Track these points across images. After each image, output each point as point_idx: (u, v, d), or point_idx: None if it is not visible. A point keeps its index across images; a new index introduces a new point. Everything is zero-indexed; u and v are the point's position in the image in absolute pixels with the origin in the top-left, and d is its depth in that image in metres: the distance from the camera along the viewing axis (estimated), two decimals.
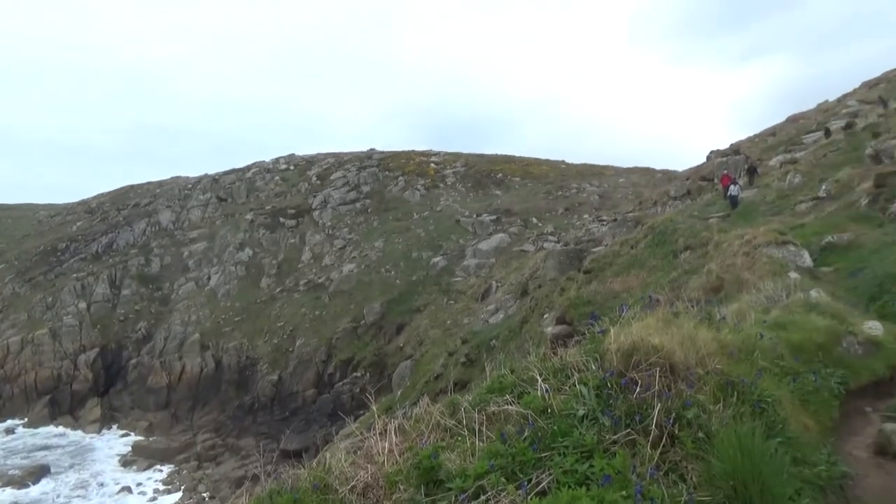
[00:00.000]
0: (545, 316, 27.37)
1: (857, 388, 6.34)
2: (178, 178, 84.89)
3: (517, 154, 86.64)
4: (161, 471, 43.49)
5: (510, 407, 4.13)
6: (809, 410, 5.09)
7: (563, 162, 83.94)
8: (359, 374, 48.56)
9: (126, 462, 44.74)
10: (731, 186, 27.59)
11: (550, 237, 55.93)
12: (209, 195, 75.79)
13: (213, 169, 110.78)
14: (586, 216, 60.59)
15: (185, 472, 43.11)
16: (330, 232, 67.05)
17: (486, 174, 75.83)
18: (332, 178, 75.21)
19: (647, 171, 79.11)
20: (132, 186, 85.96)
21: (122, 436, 50.22)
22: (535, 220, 61.98)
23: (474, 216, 63.99)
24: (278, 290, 60.82)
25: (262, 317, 57.75)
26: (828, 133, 34.67)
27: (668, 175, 69.72)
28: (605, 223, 50.45)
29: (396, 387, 39.52)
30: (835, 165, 26.74)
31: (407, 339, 48.53)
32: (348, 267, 60.28)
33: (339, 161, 79.76)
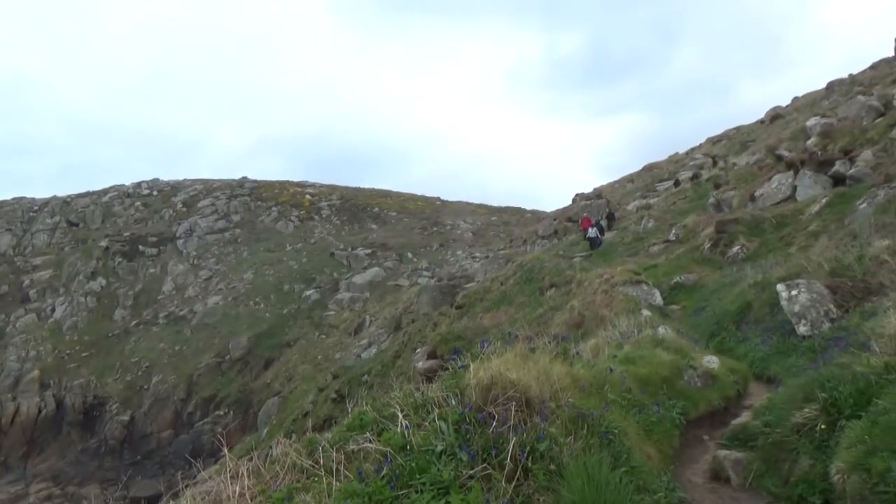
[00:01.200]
0: (417, 351, 27.38)
1: (696, 417, 6.87)
2: (21, 198, 77.42)
3: (395, 189, 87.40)
4: None
5: (369, 444, 4.08)
6: (653, 440, 5.44)
7: (438, 199, 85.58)
8: (222, 413, 45.97)
9: None
10: (590, 229, 29.60)
11: (425, 272, 56.35)
12: (58, 219, 69.69)
13: (64, 191, 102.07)
14: (460, 252, 61.77)
15: None
16: (195, 262, 63.73)
17: (363, 208, 75.64)
18: (199, 205, 71.82)
19: (518, 211, 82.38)
20: None
21: None
22: (410, 254, 62.34)
23: (349, 249, 63.37)
24: (134, 322, 56.66)
25: (113, 352, 53.40)
26: (677, 183, 37.99)
27: (538, 215, 72.99)
28: (477, 260, 51.67)
29: (262, 425, 37.82)
30: (683, 212, 29.24)
31: (275, 375, 46.75)
32: (214, 299, 57.43)
33: (209, 188, 76.46)
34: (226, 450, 4.13)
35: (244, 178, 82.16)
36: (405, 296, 46.71)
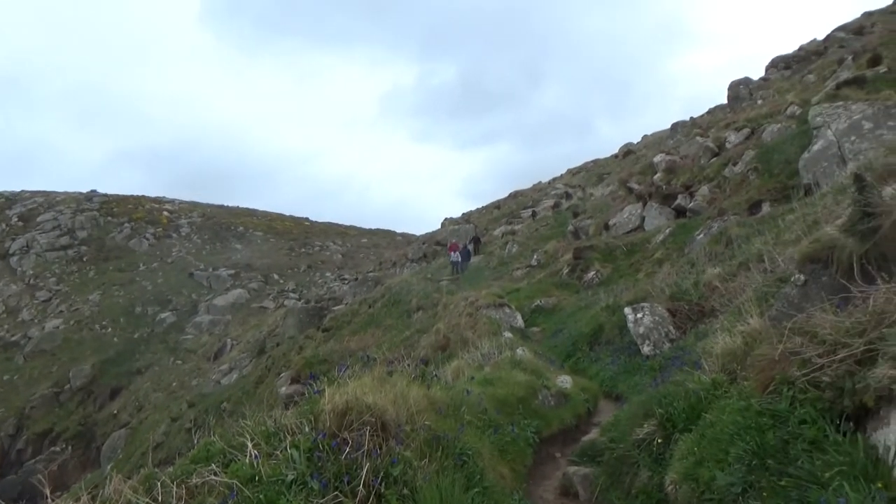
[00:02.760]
0: (281, 375, 26.65)
1: (549, 436, 7.16)
2: None
3: (262, 209, 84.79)
4: None
5: (214, 477, 3.86)
6: (507, 459, 5.59)
7: (306, 219, 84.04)
8: (58, 449, 41.76)
9: None
10: (452, 254, 30.47)
11: (292, 294, 55.14)
12: None
13: None
14: (329, 274, 61.02)
15: None
16: (31, 282, 57.98)
17: (227, 226, 72.69)
18: (39, 219, 65.59)
19: (389, 234, 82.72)
20: None
21: None
22: (276, 276, 60.69)
23: (210, 270, 60.71)
24: None
25: None
26: (534, 215, 39.88)
27: (407, 238, 73.69)
28: (346, 282, 51.25)
29: (106, 460, 34.83)
30: (545, 238, 30.71)
31: (123, 405, 43.32)
32: (53, 322, 52.42)
33: (51, 202, 70.12)
34: (47, 491, 3.73)
35: (93, 191, 76.22)
36: (270, 318, 45.44)
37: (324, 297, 46.57)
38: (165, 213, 72.73)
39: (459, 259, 30.28)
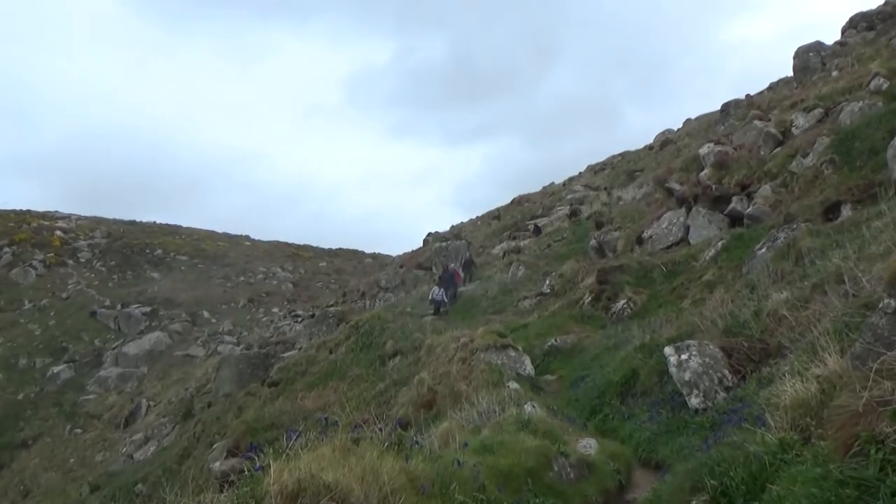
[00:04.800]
0: (215, 446, 26.51)
1: None
2: None
3: (188, 225, 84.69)
4: None
5: None
6: None
7: (247, 238, 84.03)
8: None
9: None
10: (435, 289, 29.80)
11: (227, 338, 55.09)
12: None
13: None
14: (276, 310, 60.89)
15: None
16: None
17: (140, 249, 72.54)
18: None
19: (355, 255, 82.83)
20: None
21: None
22: (206, 314, 60.55)
23: (119, 307, 60.66)
24: None
25: None
26: (537, 231, 40.14)
27: (380, 260, 73.77)
28: (299, 320, 51.15)
29: None
30: (559, 257, 30.85)
31: (3, 490, 42.84)
32: None
33: None
34: None
35: None
36: (199, 370, 45.39)
37: (270, 340, 46.38)
38: (59, 232, 72.43)
39: (442, 296, 29.66)
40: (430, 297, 30.25)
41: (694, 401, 9.97)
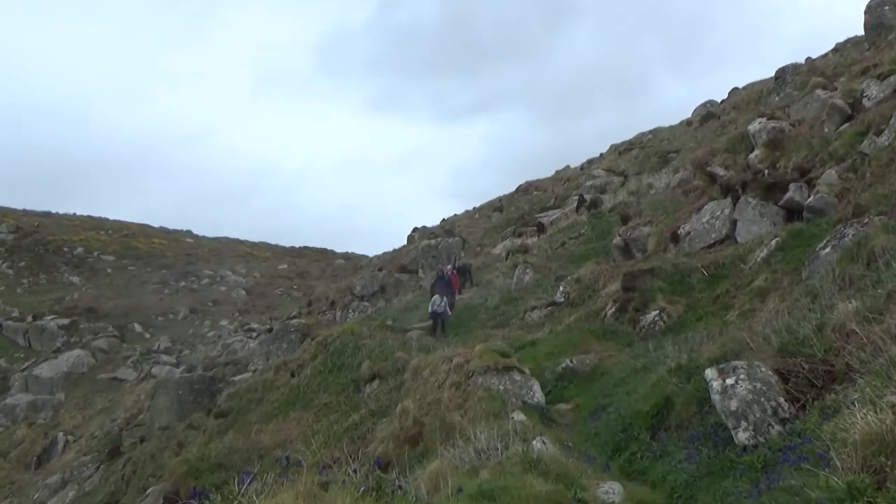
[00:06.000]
0: (148, 491, 26.57)
1: None
2: None
3: (115, 218, 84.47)
4: None
5: None
6: None
7: (189, 234, 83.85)
8: None
9: None
10: (435, 298, 29.03)
11: (165, 357, 55.09)
12: None
13: None
14: (225, 323, 60.79)
15: None
16: None
17: (57, 247, 72.42)
18: None
19: (324, 255, 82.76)
20: None
21: None
22: (138, 327, 60.50)
23: (30, 319, 60.62)
24: None
25: None
26: (541, 228, 40.08)
27: (354, 262, 73.74)
28: (254, 335, 51.11)
29: None
30: (575, 258, 30.86)
31: None
32: None
33: None
34: None
35: None
36: (130, 398, 45.39)
37: (218, 360, 46.33)
38: None
39: (445, 306, 29.09)
40: (429, 309, 29.63)
41: (742, 435, 9.97)
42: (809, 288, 15.06)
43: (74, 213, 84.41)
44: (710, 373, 10.91)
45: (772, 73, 44.18)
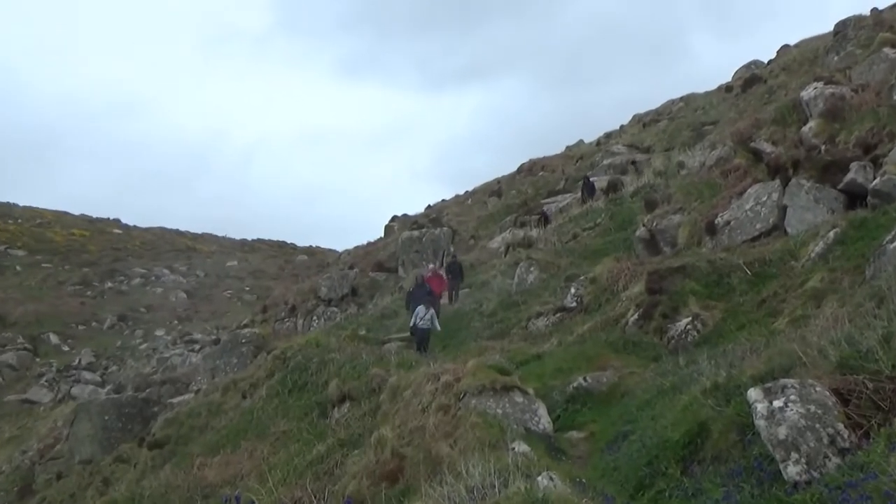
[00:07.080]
0: None
1: None
2: None
3: (27, 204, 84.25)
4: None
5: None
6: None
7: (116, 223, 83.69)
8: None
9: None
10: (419, 309, 27.83)
11: (87, 374, 55.01)
12: None
13: None
14: (161, 333, 60.77)
15: None
16: None
17: None
18: None
19: (281, 250, 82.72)
20: None
21: None
22: (54, 338, 60.49)
23: None
24: None
25: None
26: (544, 219, 40.03)
27: (319, 258, 73.71)
28: (197, 347, 51.08)
29: None
30: (590, 253, 30.86)
31: None
32: None
33: None
34: None
35: None
36: (44, 424, 45.33)
37: (152, 378, 46.31)
38: None
39: (430, 323, 28.05)
40: (411, 322, 28.52)
41: (792, 469, 9.96)
42: (875, 290, 15.07)
43: None
44: (753, 393, 10.89)
45: (830, 28, 44.31)
